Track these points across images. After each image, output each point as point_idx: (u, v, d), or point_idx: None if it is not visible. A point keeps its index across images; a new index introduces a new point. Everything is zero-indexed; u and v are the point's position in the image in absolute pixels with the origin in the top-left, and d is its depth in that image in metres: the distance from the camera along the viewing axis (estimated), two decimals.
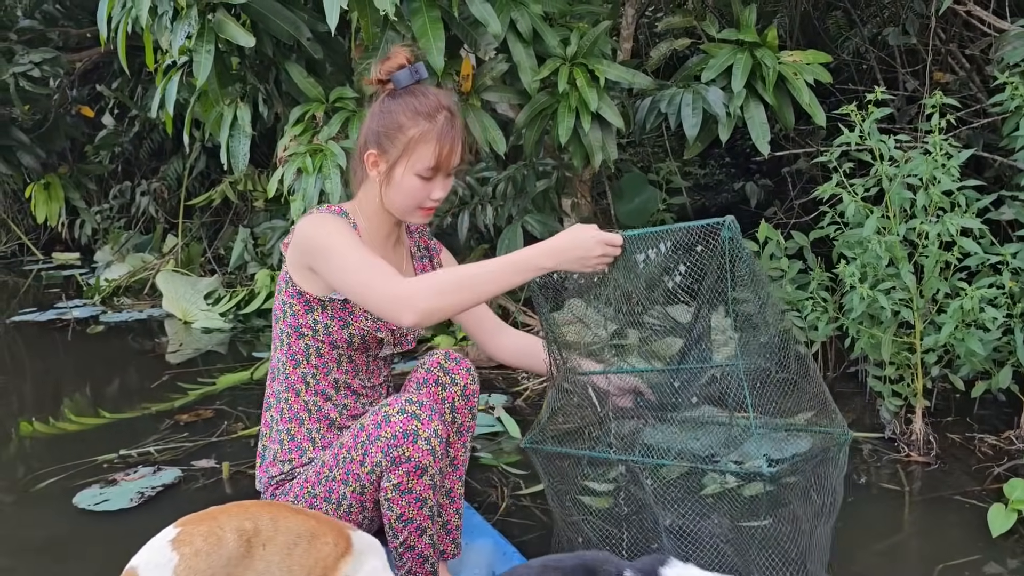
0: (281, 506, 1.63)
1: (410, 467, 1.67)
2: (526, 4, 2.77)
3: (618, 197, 3.98)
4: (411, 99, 1.79)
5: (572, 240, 1.70)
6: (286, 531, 1.53)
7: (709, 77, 2.91)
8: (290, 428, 1.87)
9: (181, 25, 2.56)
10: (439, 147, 1.76)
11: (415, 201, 1.81)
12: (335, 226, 1.75)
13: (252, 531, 1.50)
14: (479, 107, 2.87)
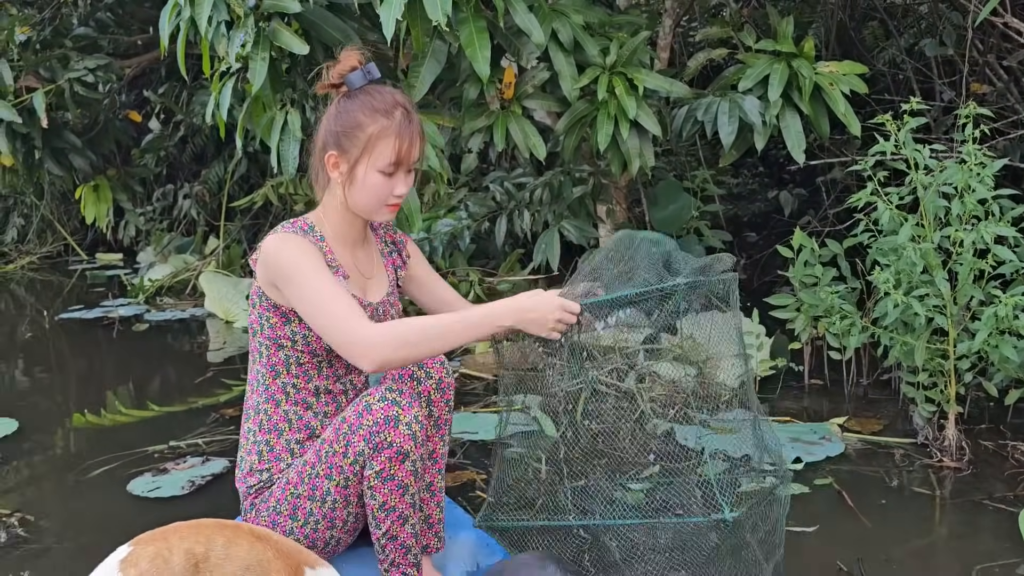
0: (241, 530, 1.60)
1: (392, 452, 1.68)
2: (568, 15, 2.85)
3: (653, 204, 4.04)
4: (367, 98, 1.81)
5: (533, 303, 1.76)
6: (236, 560, 1.51)
7: (746, 86, 2.97)
8: (268, 439, 1.86)
9: (238, 33, 2.67)
10: (398, 142, 1.78)
11: (379, 198, 1.82)
12: (300, 249, 1.76)
13: (201, 556, 1.48)
14: (520, 114, 2.95)
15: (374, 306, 1.89)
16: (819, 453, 2.67)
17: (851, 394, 3.19)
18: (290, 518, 1.77)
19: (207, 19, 2.65)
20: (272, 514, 1.78)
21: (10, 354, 4.61)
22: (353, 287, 1.85)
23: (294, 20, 2.75)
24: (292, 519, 1.77)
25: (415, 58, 2.73)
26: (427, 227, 3.79)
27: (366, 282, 1.91)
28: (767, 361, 3.26)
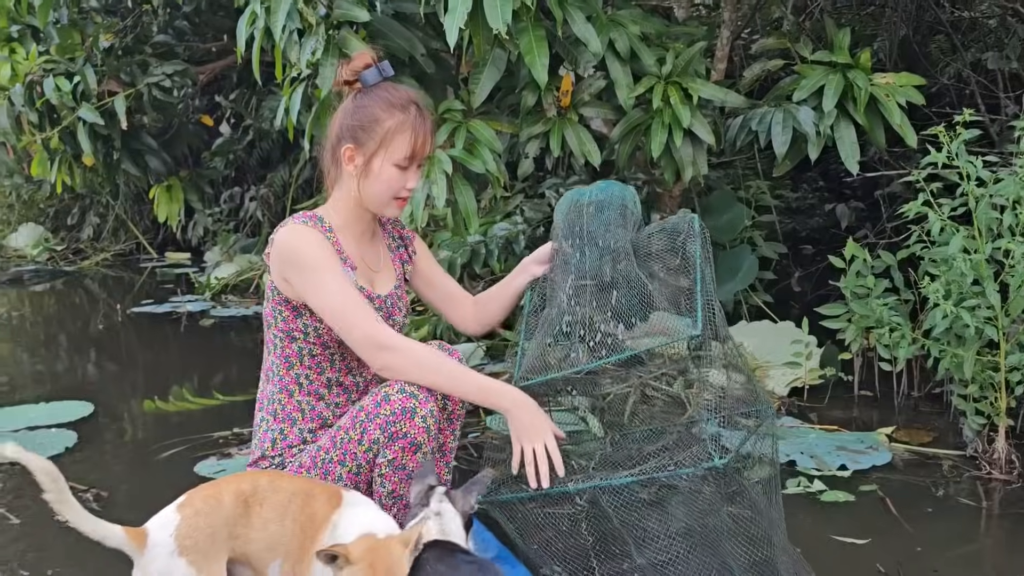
0: (280, 473, 1.77)
1: (406, 443, 1.74)
2: (625, 25, 2.93)
3: (706, 213, 4.07)
4: (383, 93, 1.87)
5: (533, 416, 1.81)
6: (282, 491, 1.63)
7: (801, 97, 3.00)
8: (283, 428, 1.91)
9: (309, 41, 2.81)
10: (415, 137, 1.83)
11: (392, 191, 1.87)
12: (314, 243, 1.81)
13: (249, 492, 1.61)
14: (576, 121, 3.03)
15: (382, 298, 1.95)
16: (865, 462, 2.68)
17: (901, 406, 3.18)
18: None
19: (281, 27, 2.80)
20: None
21: (85, 344, 4.86)
22: (361, 279, 1.91)
23: (362, 28, 2.89)
24: None
25: (476, 65, 2.84)
26: (483, 231, 3.88)
27: (373, 275, 1.97)
28: (815, 370, 3.27)
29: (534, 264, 2.13)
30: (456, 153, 2.86)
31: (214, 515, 1.57)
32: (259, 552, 1.61)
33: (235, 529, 1.59)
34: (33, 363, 4.37)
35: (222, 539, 1.57)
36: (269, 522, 1.60)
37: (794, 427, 3.00)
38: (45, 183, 7.57)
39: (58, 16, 4.91)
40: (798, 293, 4.71)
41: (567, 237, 2.05)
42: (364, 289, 1.90)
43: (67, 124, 4.96)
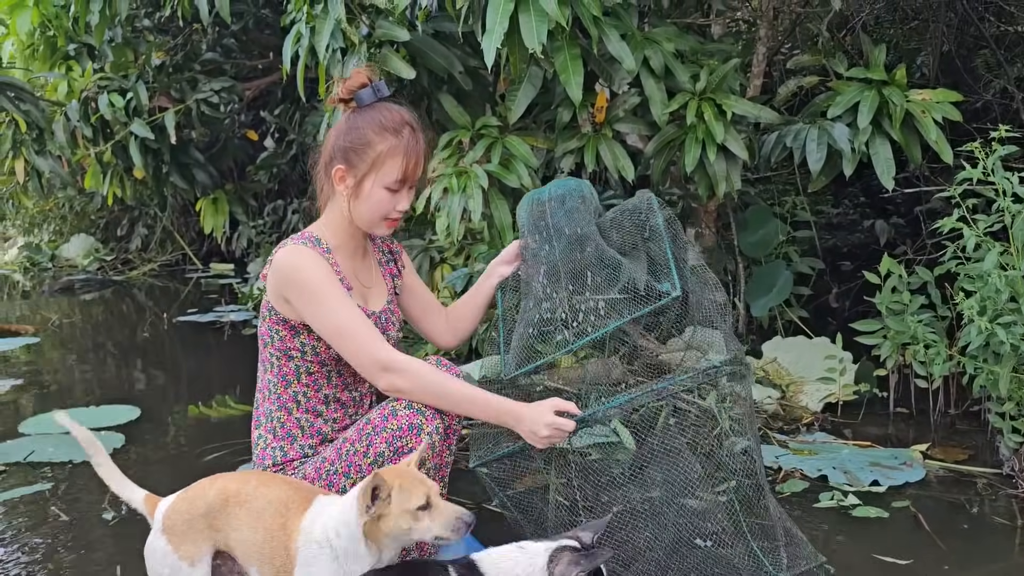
0: (278, 478, 1.79)
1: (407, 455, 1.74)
2: (659, 42, 2.98)
3: (742, 228, 4.08)
4: (376, 115, 1.85)
5: (530, 417, 1.81)
6: (261, 497, 1.68)
7: (835, 113, 3.02)
8: (283, 446, 1.92)
9: (351, 59, 2.90)
10: (406, 161, 1.83)
11: (382, 213, 1.88)
12: (314, 265, 1.82)
13: (234, 491, 1.70)
14: (611, 137, 3.08)
15: (376, 315, 1.96)
16: (899, 478, 2.67)
17: (937, 423, 3.16)
18: None
19: (325, 46, 2.89)
20: None
21: (132, 351, 5.01)
22: (356, 296, 1.93)
23: (402, 47, 2.97)
24: None
25: (512, 83, 2.90)
26: None
27: (367, 291, 1.98)
28: (850, 386, 3.26)
29: (501, 265, 2.16)
30: (492, 168, 2.93)
31: (195, 504, 1.70)
32: (239, 552, 1.70)
33: (214, 522, 1.69)
34: (82, 369, 4.52)
35: (199, 528, 1.69)
36: (244, 526, 1.68)
37: (827, 442, 2.99)
38: (97, 195, 7.82)
39: (113, 35, 5.10)
40: (835, 309, 4.69)
41: (533, 232, 2.08)
42: (360, 307, 1.91)
43: (120, 138, 5.14)
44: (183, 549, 1.69)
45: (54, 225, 9.41)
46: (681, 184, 3.76)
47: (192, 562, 1.69)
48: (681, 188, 3.80)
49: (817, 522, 2.41)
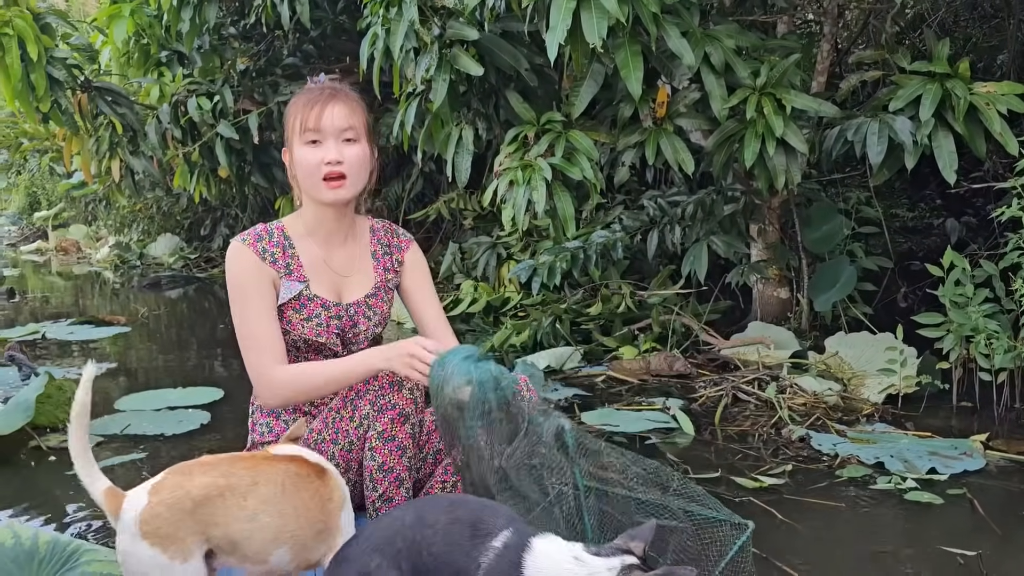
0: (251, 461, 1.62)
1: (394, 414, 1.78)
2: (720, 39, 3.05)
3: (805, 224, 4.11)
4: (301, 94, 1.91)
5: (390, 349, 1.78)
6: (269, 481, 1.57)
7: (897, 107, 3.05)
8: (268, 422, 1.98)
9: (424, 58, 3.07)
10: (304, 108, 1.83)
11: (312, 170, 1.85)
12: (239, 269, 1.87)
13: (225, 486, 1.53)
14: (671, 131, 3.17)
15: (342, 307, 1.96)
16: (957, 467, 2.68)
17: (1001, 417, 3.14)
18: None
19: (399, 46, 3.07)
20: None
21: (213, 343, 5.28)
22: (317, 287, 1.93)
23: (472, 46, 3.12)
24: None
25: (575, 79, 3.02)
26: (583, 238, 4.04)
27: (341, 280, 1.98)
28: (911, 377, 3.26)
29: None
30: (556, 161, 3.05)
31: (179, 506, 1.51)
32: (256, 541, 1.57)
33: (209, 519, 1.53)
34: (168, 356, 4.80)
35: (189, 528, 1.52)
36: (262, 513, 1.55)
37: (886, 432, 3.02)
38: (183, 197, 8.23)
39: (201, 42, 5.40)
40: (904, 308, 4.65)
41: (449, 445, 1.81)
42: (317, 298, 1.93)
43: (206, 139, 5.43)
44: (172, 549, 1.51)
45: (142, 225, 9.91)
46: (744, 180, 3.82)
47: (184, 558, 1.52)
48: (744, 184, 3.86)
49: (872, 506, 2.44)
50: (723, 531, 1.66)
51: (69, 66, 4.78)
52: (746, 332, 4.17)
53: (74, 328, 5.44)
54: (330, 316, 1.93)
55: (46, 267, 10.27)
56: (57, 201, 12.46)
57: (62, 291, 8.02)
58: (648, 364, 3.96)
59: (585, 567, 1.34)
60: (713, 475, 2.68)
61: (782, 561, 2.10)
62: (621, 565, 1.34)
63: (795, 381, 3.50)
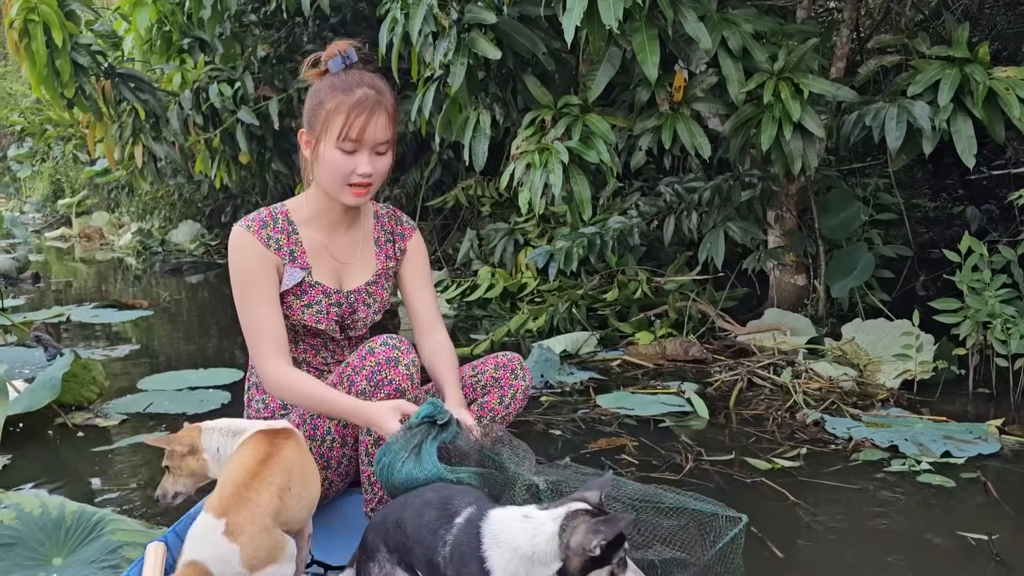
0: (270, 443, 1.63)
1: (390, 389, 1.77)
2: (738, 23, 3.05)
3: (823, 211, 4.11)
4: (336, 79, 1.83)
5: (377, 423, 1.72)
6: (291, 462, 1.61)
7: (915, 91, 3.04)
8: (264, 398, 2.00)
9: (442, 42, 3.09)
10: (348, 116, 1.76)
11: (340, 176, 1.82)
12: (243, 256, 1.86)
13: (279, 487, 1.56)
14: (688, 116, 3.18)
15: (343, 294, 1.96)
16: (971, 451, 2.68)
17: (1017, 402, 3.14)
18: None
19: (418, 31, 3.09)
20: None
21: (233, 328, 5.24)
22: (319, 274, 1.93)
23: (490, 30, 3.14)
24: None
25: (592, 63, 3.03)
26: (600, 224, 4.06)
27: (341, 267, 1.98)
28: (927, 363, 3.26)
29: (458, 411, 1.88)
30: (573, 144, 3.07)
31: (266, 528, 1.51)
32: (303, 516, 1.64)
33: (283, 519, 1.57)
34: (189, 339, 4.87)
35: (279, 534, 1.54)
36: (302, 497, 1.62)
37: (901, 416, 3.02)
38: (203, 184, 8.31)
39: (222, 30, 5.45)
40: (922, 297, 4.64)
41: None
42: (319, 285, 1.93)
43: (227, 126, 5.49)
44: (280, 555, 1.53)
45: (164, 212, 10.01)
46: (761, 166, 3.82)
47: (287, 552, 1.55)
48: (761, 170, 3.86)
49: (885, 488, 2.45)
50: (719, 523, 1.66)
51: (93, 53, 4.85)
52: (762, 319, 4.17)
53: (98, 311, 5.53)
54: (330, 303, 1.94)
55: (70, 253, 10.41)
56: (80, 188, 12.61)
57: (85, 276, 8.13)
58: (664, 349, 3.98)
59: (532, 521, 1.38)
60: (727, 457, 2.70)
61: (788, 541, 2.12)
62: (565, 512, 1.36)
63: (810, 366, 3.51)
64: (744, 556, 1.67)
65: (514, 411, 2.04)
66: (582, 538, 1.31)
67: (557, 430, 2.99)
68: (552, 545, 1.33)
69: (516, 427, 3.03)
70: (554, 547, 1.33)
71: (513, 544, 1.35)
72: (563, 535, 1.33)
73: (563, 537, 1.33)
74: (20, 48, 4.49)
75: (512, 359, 2.03)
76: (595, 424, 3.06)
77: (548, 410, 3.22)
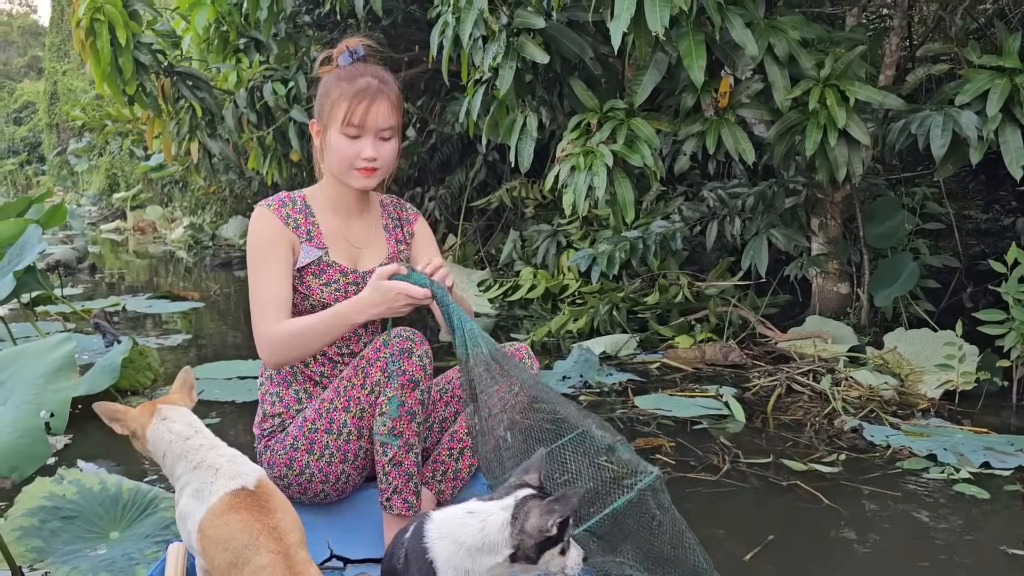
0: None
1: (404, 380, 1.79)
2: (785, 30, 3.07)
3: (868, 220, 4.09)
4: (341, 71, 1.91)
5: (382, 297, 1.77)
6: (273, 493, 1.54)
7: (963, 101, 3.02)
8: (279, 391, 2.00)
9: (491, 46, 3.16)
10: (351, 104, 1.84)
11: (346, 161, 1.89)
12: (259, 230, 1.91)
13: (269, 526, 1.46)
14: (733, 122, 3.20)
15: (359, 274, 2.00)
16: (1011, 463, 2.67)
17: None
18: (307, 452, 1.89)
19: (468, 34, 3.16)
20: (289, 451, 1.91)
21: None
22: (336, 254, 1.98)
23: (538, 35, 3.20)
24: (308, 453, 1.89)
25: (638, 68, 3.08)
26: (643, 228, 4.09)
27: (357, 251, 2.02)
28: (969, 373, 3.24)
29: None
30: (617, 148, 3.11)
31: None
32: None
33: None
34: (237, 330, 5.01)
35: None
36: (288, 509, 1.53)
37: (942, 427, 3.01)
38: (254, 180, 8.50)
39: (277, 30, 5.59)
40: (969, 309, 4.58)
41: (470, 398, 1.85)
42: (336, 264, 1.97)
43: (280, 124, 5.63)
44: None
45: (215, 207, 10.26)
46: (806, 173, 3.82)
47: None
48: (806, 176, 3.86)
49: (920, 495, 2.46)
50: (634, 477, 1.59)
51: (154, 51, 5.01)
52: (804, 326, 4.17)
53: (152, 302, 5.71)
54: (348, 282, 1.97)
55: (124, 246, 10.72)
56: (135, 183, 12.96)
57: (138, 268, 8.38)
58: (703, 353, 4.00)
59: (477, 516, 1.39)
60: (764, 460, 2.72)
61: (822, 543, 2.14)
62: (515, 501, 1.38)
63: (851, 374, 3.50)
64: (775, 556, 1.69)
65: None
66: (538, 520, 1.35)
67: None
68: (504, 533, 1.36)
69: (554, 424, 3.08)
70: (506, 535, 1.36)
71: (458, 538, 1.38)
72: (515, 522, 1.36)
73: (515, 524, 1.36)
74: (86, 46, 4.67)
75: (520, 348, 2.05)
76: (632, 424, 3.09)
77: (586, 409, 3.26)
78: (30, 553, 1.99)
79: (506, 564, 1.38)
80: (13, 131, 27.38)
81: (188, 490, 1.54)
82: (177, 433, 1.60)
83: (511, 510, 1.38)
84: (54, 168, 21.11)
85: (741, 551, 2.10)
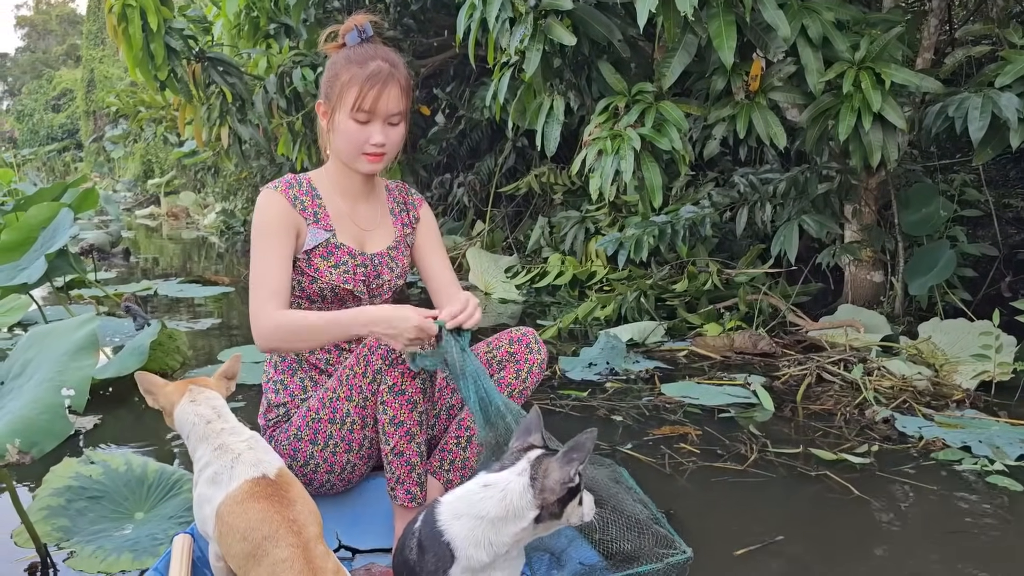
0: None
1: (405, 368, 1.76)
2: (819, 11, 3.00)
3: (903, 207, 4.00)
4: (350, 52, 1.88)
5: (391, 318, 1.71)
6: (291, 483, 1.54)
7: (1004, 83, 2.93)
8: (283, 379, 1.97)
9: (519, 28, 3.12)
10: (362, 88, 1.81)
11: (354, 145, 1.86)
12: (264, 212, 1.87)
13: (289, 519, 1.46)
14: (764, 105, 3.14)
15: (367, 256, 1.98)
16: None
17: None
18: (311, 443, 1.87)
19: (495, 16, 3.13)
20: (293, 441, 1.89)
21: None
22: (343, 236, 1.96)
23: (566, 16, 3.16)
24: (312, 443, 1.87)
25: (667, 50, 3.02)
26: (672, 214, 4.04)
27: (364, 234, 2.00)
28: (1006, 363, 3.16)
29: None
30: (645, 131, 3.06)
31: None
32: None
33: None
34: None
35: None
36: (307, 501, 1.53)
37: (977, 418, 2.94)
38: (284, 166, 8.54)
39: (307, 16, 5.60)
40: (1008, 299, 4.47)
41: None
42: (344, 246, 1.95)
43: (309, 109, 5.64)
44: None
45: (247, 193, 10.34)
46: (839, 158, 3.74)
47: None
48: (839, 162, 3.78)
49: (952, 487, 2.40)
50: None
51: (185, 37, 5.04)
52: (836, 315, 4.09)
53: (183, 286, 5.78)
54: (356, 264, 1.95)
55: (157, 231, 10.86)
56: (169, 169, 13.11)
57: (171, 253, 8.48)
58: (732, 342, 3.95)
59: (495, 487, 1.38)
60: (793, 451, 2.67)
61: (851, 534, 2.10)
62: (528, 463, 1.38)
63: (883, 364, 3.43)
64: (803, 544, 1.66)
65: (531, 385, 2.02)
66: (559, 474, 1.35)
67: (619, 416, 3.01)
68: (527, 497, 1.35)
69: (580, 411, 3.06)
70: (528, 498, 1.35)
71: (479, 513, 1.36)
72: (535, 483, 1.36)
73: (536, 484, 1.35)
74: (118, 32, 4.71)
75: (527, 333, 2.02)
76: (659, 412, 3.06)
77: (612, 396, 3.24)
78: (56, 532, 2.02)
79: (531, 528, 1.37)
80: (52, 118, 27.86)
81: (206, 473, 1.54)
82: (200, 416, 1.62)
83: (528, 472, 1.37)
84: (91, 155, 21.44)
85: (769, 537, 2.07)
